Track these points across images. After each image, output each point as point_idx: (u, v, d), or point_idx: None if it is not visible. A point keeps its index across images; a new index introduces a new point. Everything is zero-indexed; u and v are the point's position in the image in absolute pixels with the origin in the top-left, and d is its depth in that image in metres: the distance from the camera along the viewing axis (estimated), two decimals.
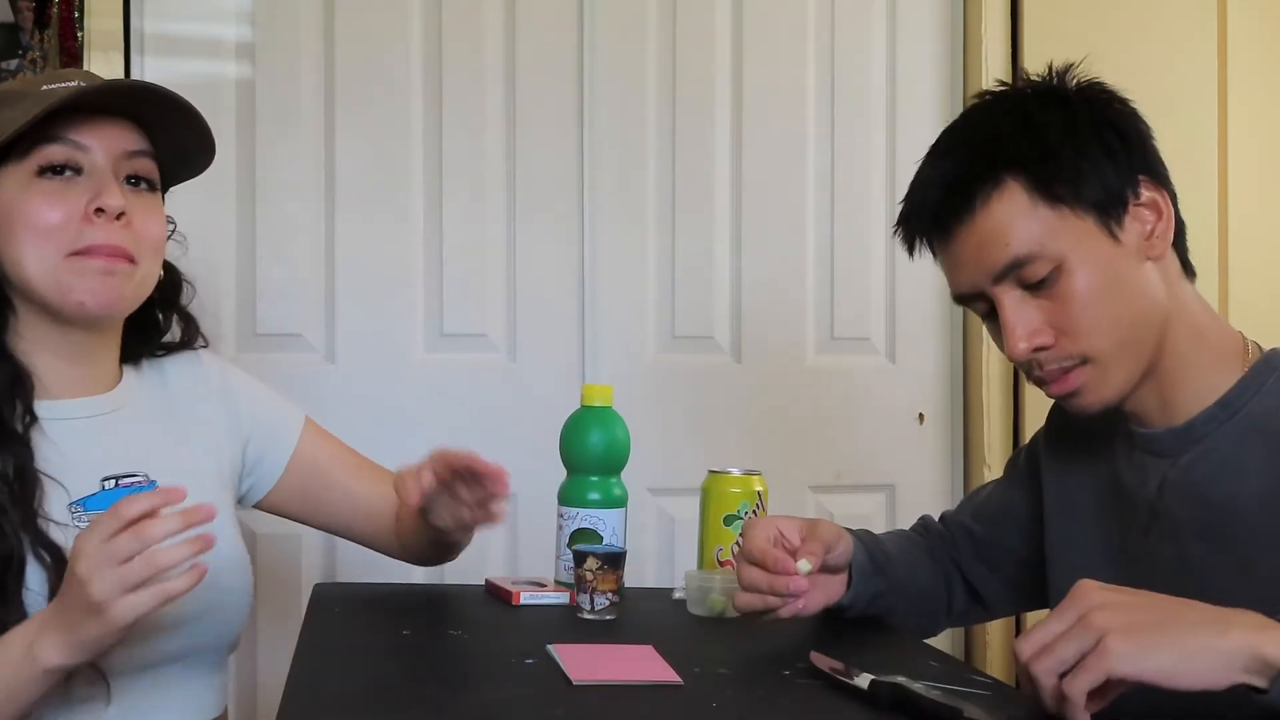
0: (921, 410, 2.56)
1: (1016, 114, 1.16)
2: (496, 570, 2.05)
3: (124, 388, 1.34)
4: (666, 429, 2.32)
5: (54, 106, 1.19)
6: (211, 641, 1.30)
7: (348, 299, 2.26)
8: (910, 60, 2.56)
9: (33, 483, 1.19)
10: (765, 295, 2.47)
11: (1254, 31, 2.59)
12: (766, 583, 1.21)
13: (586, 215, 2.37)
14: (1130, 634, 0.90)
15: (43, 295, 1.23)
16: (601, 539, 1.46)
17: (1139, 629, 0.90)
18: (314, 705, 1.01)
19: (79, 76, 1.28)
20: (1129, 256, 1.13)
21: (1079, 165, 1.12)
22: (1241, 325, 1.20)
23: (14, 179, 1.23)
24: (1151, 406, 1.17)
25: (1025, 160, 1.12)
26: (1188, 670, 0.89)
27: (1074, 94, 1.17)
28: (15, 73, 2.63)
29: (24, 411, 1.22)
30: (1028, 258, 1.11)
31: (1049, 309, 1.13)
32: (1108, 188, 1.12)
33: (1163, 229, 1.14)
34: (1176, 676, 0.89)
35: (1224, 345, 1.16)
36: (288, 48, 2.23)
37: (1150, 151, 1.16)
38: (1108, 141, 1.13)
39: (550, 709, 1.00)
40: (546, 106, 2.35)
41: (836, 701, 1.06)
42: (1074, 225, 1.11)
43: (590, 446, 1.49)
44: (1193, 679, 0.89)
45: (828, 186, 2.51)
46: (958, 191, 1.14)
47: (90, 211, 1.22)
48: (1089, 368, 1.13)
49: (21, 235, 1.22)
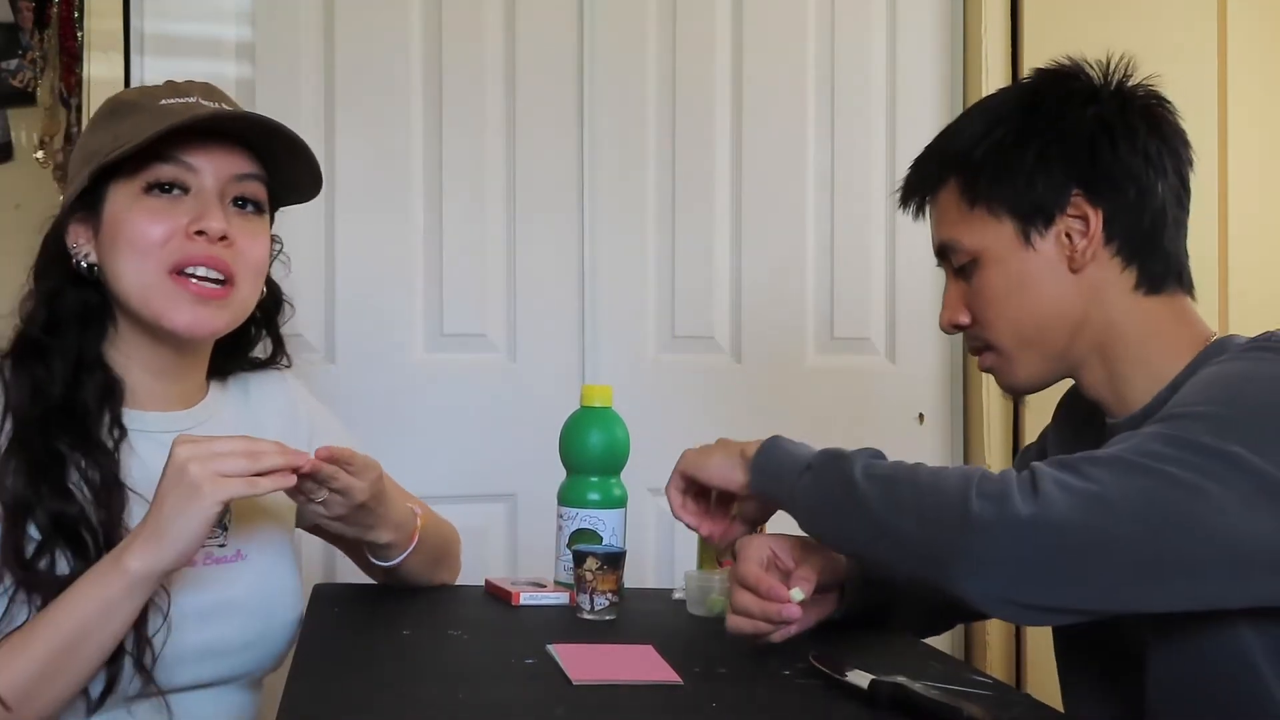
0: (921, 410, 2.56)
1: (998, 113, 1.24)
2: (496, 570, 2.05)
3: (207, 404, 1.36)
4: (666, 429, 2.31)
5: (163, 132, 1.21)
6: (256, 667, 1.33)
7: (348, 299, 2.26)
8: (910, 60, 2.56)
9: (118, 495, 1.21)
10: (765, 295, 2.47)
11: (1254, 32, 2.59)
12: (759, 609, 1.19)
13: (586, 215, 2.37)
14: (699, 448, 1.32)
15: (137, 310, 1.26)
16: (601, 539, 1.46)
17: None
18: (314, 705, 1.01)
19: (198, 91, 1.29)
20: (1043, 262, 1.20)
21: (1007, 175, 1.20)
22: (1241, 325, 1.20)
23: (123, 193, 1.25)
24: (1114, 403, 1.21)
25: (961, 165, 1.24)
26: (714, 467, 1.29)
27: (1089, 90, 1.21)
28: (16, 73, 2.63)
29: (113, 423, 1.25)
30: (950, 247, 1.26)
31: (969, 294, 1.26)
32: (1032, 199, 1.19)
33: (1084, 245, 1.18)
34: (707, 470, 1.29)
35: (1181, 341, 1.19)
36: (288, 48, 2.23)
37: (1098, 162, 1.18)
38: (1049, 155, 1.19)
39: (550, 709, 1.00)
40: (546, 106, 2.35)
41: (836, 701, 1.06)
42: (991, 227, 1.22)
43: (590, 447, 1.49)
44: (710, 475, 1.29)
45: (828, 186, 2.51)
46: (923, 173, 1.29)
47: (191, 232, 1.24)
48: (993, 354, 1.26)
49: (124, 249, 1.24)
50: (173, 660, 1.20)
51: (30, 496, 1.17)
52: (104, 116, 1.29)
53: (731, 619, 1.23)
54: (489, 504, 2.30)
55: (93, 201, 1.26)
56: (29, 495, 1.17)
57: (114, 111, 1.29)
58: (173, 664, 1.20)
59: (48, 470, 1.19)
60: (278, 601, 1.33)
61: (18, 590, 1.15)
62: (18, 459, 1.19)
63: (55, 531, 1.17)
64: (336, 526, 1.32)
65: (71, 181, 1.29)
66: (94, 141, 1.27)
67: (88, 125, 1.32)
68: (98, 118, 1.30)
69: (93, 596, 1.12)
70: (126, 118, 1.26)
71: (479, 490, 2.28)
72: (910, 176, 1.31)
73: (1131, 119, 1.20)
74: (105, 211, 1.26)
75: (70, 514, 1.18)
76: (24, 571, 1.15)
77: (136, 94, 1.32)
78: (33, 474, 1.18)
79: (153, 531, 1.12)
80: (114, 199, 1.25)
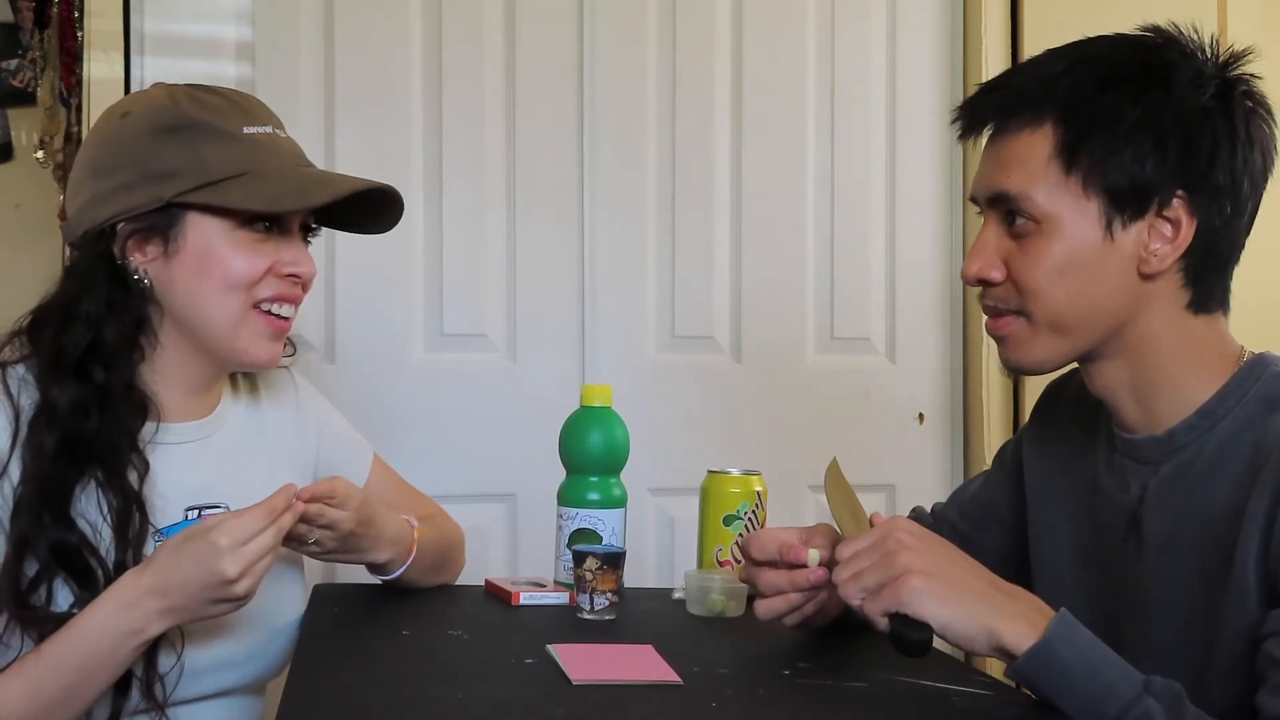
0: (921, 410, 2.56)
1: (1116, 70, 1.10)
2: (496, 570, 2.05)
3: (221, 411, 1.36)
4: (666, 429, 2.32)
5: (317, 205, 1.26)
6: (261, 676, 1.33)
7: (348, 299, 2.26)
8: (910, 60, 2.56)
9: (136, 521, 1.21)
10: (765, 295, 2.46)
11: (1254, 33, 2.59)
12: (788, 580, 1.20)
13: (586, 215, 2.37)
14: (926, 577, 1.03)
15: (214, 342, 1.26)
16: (601, 539, 1.46)
17: (935, 577, 1.03)
18: (314, 705, 1.01)
19: (267, 118, 1.29)
20: (1114, 256, 1.09)
21: (1116, 151, 1.07)
22: (1241, 325, 1.17)
23: (212, 227, 1.24)
24: (1132, 413, 1.15)
25: (1071, 118, 1.09)
26: (956, 631, 1.02)
27: (1206, 78, 1.09)
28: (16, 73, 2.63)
29: (137, 450, 1.23)
30: (1017, 199, 1.11)
31: (1014, 252, 1.12)
32: (1133, 185, 1.07)
33: (1166, 251, 1.09)
34: (946, 630, 1.02)
35: (1214, 361, 1.13)
36: (288, 48, 2.23)
37: (1213, 172, 1.08)
38: (1166, 144, 1.07)
39: (550, 709, 1.00)
40: (546, 106, 2.35)
41: (836, 701, 1.06)
42: (1075, 199, 1.09)
43: (590, 447, 1.49)
44: (956, 637, 1.03)
45: (828, 186, 2.51)
46: (1012, 103, 1.12)
47: (283, 273, 1.26)
48: (1021, 322, 1.13)
49: (213, 282, 1.24)
50: (180, 676, 1.20)
51: (34, 527, 1.16)
52: (167, 131, 1.23)
53: (762, 603, 1.22)
54: (489, 504, 2.30)
55: (165, 221, 1.23)
56: (34, 525, 1.16)
57: (182, 129, 1.22)
58: (180, 680, 1.20)
59: (55, 497, 1.17)
60: (284, 610, 1.34)
61: (10, 623, 1.14)
62: (30, 484, 1.17)
63: (55, 562, 1.16)
64: (332, 559, 1.33)
65: (127, 190, 1.22)
66: (167, 158, 1.21)
67: (139, 133, 1.24)
68: (157, 129, 1.23)
69: (100, 646, 1.11)
70: (205, 142, 1.22)
71: (479, 490, 2.28)
72: (991, 99, 1.15)
73: (1249, 127, 1.09)
74: (186, 238, 1.23)
75: (71, 543, 1.16)
76: (18, 607, 1.14)
77: (198, 108, 1.24)
78: (39, 501, 1.16)
79: (178, 604, 1.12)
80: (199, 228, 1.23)
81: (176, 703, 1.21)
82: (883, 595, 1.04)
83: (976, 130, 1.16)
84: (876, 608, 1.04)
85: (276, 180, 1.24)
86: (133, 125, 1.25)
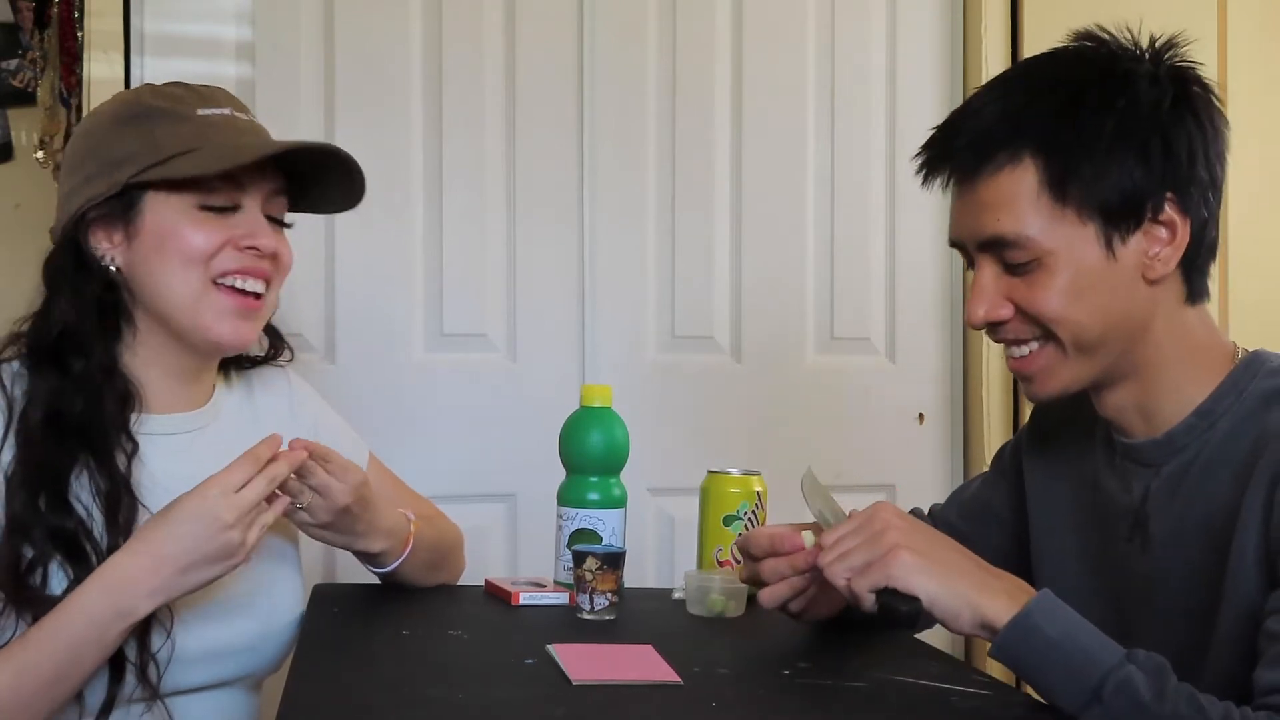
0: (921, 410, 2.56)
1: (1079, 89, 1.08)
2: (496, 570, 2.05)
3: (214, 403, 1.36)
4: (666, 429, 2.32)
5: (229, 168, 1.23)
6: (257, 670, 1.33)
7: (348, 299, 2.26)
8: (910, 60, 2.56)
9: (125, 505, 1.21)
10: (765, 295, 2.46)
11: (1254, 33, 2.59)
12: (787, 564, 1.20)
13: (586, 215, 2.37)
14: (915, 553, 1.05)
15: (177, 320, 1.26)
16: (601, 539, 1.46)
17: (923, 553, 1.05)
18: (314, 705, 1.01)
19: (226, 101, 1.30)
20: (1120, 271, 1.09)
21: (1103, 169, 1.06)
22: (1241, 325, 1.18)
23: (170, 205, 1.25)
24: (1132, 417, 1.16)
25: (1051, 148, 1.07)
26: (943, 605, 1.03)
27: (1160, 76, 1.09)
28: (16, 73, 2.63)
29: (127, 433, 1.24)
30: (1013, 242, 1.09)
31: (1019, 289, 1.11)
32: (1126, 199, 1.07)
33: (1168, 254, 1.09)
34: (934, 604, 1.03)
35: (1211, 359, 1.13)
36: (288, 48, 2.23)
37: (1194, 169, 1.08)
38: (1148, 150, 1.07)
39: (550, 709, 1.00)
40: (546, 106, 2.35)
41: (836, 701, 1.06)
42: (1072, 228, 1.08)
43: (590, 447, 1.49)
44: (942, 612, 1.04)
45: (828, 186, 2.51)
46: (981, 145, 1.10)
47: (243, 245, 1.26)
48: (1051, 348, 1.12)
49: (172, 260, 1.24)
50: (174, 663, 1.20)
51: (30, 511, 1.17)
52: (126, 120, 1.26)
53: (765, 591, 1.22)
54: (489, 504, 2.30)
55: (123, 207, 1.25)
56: (29, 510, 1.17)
57: (139, 117, 1.26)
58: (174, 667, 1.20)
59: (50, 483, 1.18)
60: (279, 603, 1.33)
61: (7, 605, 1.15)
62: (23, 471, 1.18)
63: (52, 545, 1.17)
64: (323, 536, 1.32)
65: (90, 181, 1.25)
66: (123, 146, 1.24)
67: (102, 125, 1.28)
68: (117, 120, 1.27)
69: (89, 630, 1.11)
70: (160, 125, 1.24)
71: (479, 490, 2.28)
72: (956, 145, 1.12)
73: (1211, 115, 1.10)
74: (144, 220, 1.25)
75: (68, 528, 1.17)
76: (15, 590, 1.15)
77: (157, 97, 1.28)
78: (34, 487, 1.18)
79: (170, 578, 1.12)
80: (156, 209, 1.25)
81: (171, 693, 1.21)
82: (871, 571, 1.05)
83: (940, 176, 1.15)
84: (865, 584, 1.05)
85: (221, 150, 1.24)
86: (97, 120, 1.29)
